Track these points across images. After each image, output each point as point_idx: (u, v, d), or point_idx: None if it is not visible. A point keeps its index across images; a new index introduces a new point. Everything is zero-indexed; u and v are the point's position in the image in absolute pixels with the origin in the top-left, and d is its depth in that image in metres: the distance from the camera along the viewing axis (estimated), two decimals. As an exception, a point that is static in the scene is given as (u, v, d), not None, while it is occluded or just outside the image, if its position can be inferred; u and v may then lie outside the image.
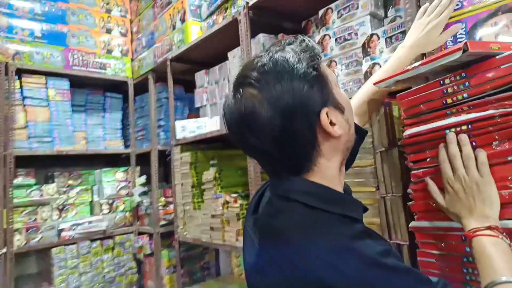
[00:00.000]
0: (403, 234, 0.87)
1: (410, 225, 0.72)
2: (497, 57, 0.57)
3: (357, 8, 1.26)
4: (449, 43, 0.86)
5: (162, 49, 2.25)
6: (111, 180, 2.50)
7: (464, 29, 0.84)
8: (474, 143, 0.60)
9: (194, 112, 2.11)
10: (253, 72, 0.55)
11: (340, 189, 0.59)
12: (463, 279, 0.64)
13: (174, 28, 2.13)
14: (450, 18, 0.84)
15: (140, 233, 2.46)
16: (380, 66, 1.13)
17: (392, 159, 0.86)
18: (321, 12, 1.38)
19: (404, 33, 1.09)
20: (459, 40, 0.85)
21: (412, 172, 0.69)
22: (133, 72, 2.59)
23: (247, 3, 1.49)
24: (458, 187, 0.60)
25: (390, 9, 1.25)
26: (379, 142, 0.89)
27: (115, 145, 2.57)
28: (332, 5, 1.34)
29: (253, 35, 1.53)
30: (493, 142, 0.58)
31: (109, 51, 2.53)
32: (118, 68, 2.56)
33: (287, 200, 0.55)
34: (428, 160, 0.68)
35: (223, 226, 1.68)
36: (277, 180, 0.58)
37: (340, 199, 0.57)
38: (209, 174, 1.80)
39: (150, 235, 2.36)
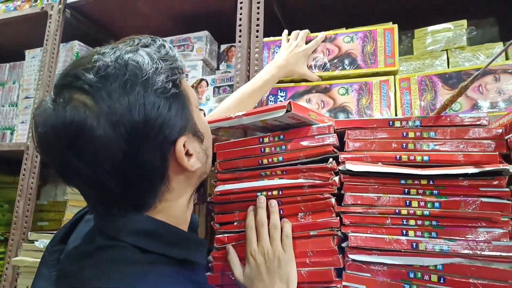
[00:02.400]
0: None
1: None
2: (313, 126, 0.56)
3: (192, 50, 1.21)
4: (270, 102, 0.88)
5: None
6: None
7: (284, 97, 0.88)
8: (281, 211, 0.56)
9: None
10: (88, 73, 0.39)
11: (185, 227, 0.50)
12: None
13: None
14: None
15: None
16: (204, 114, 1.07)
17: (200, 214, 0.75)
18: (154, 42, 1.25)
19: (231, 86, 1.08)
20: (278, 102, 0.88)
21: (217, 236, 0.59)
22: None
23: (65, -2, 1.21)
24: (260, 260, 0.53)
25: (222, 63, 1.25)
26: (188, 195, 0.77)
27: None
28: (167, 39, 1.24)
29: (66, 39, 1.24)
30: (299, 213, 0.55)
31: None
32: None
33: (113, 240, 0.42)
34: (235, 223, 0.59)
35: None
36: (108, 217, 0.44)
37: (183, 239, 0.46)
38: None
39: None
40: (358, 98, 0.80)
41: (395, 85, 0.78)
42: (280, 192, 0.56)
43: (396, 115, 0.76)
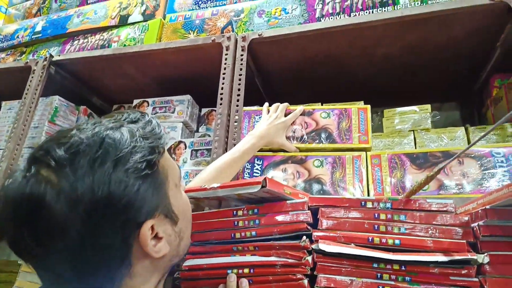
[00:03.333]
0: None
1: None
2: (288, 202, 0.56)
3: (173, 112, 1.23)
4: (246, 174, 0.89)
5: None
6: None
7: (261, 165, 0.89)
8: (252, 291, 0.53)
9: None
10: (59, 149, 0.38)
11: None
12: None
13: None
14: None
15: None
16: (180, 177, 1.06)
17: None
18: (136, 102, 1.28)
19: (209, 151, 1.09)
20: (255, 174, 0.89)
21: (180, 317, 0.55)
22: None
23: (51, 55, 1.24)
24: None
25: (202, 126, 1.28)
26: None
27: None
28: (149, 100, 1.27)
29: (46, 93, 1.24)
30: (270, 294, 0.52)
31: None
32: None
33: None
34: (202, 303, 0.55)
35: None
36: None
37: None
38: None
39: None
40: (332, 171, 0.82)
41: (367, 161, 0.81)
42: (252, 270, 0.54)
43: (368, 190, 0.78)
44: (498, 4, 0.83)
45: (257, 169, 0.89)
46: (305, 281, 0.51)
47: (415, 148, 0.86)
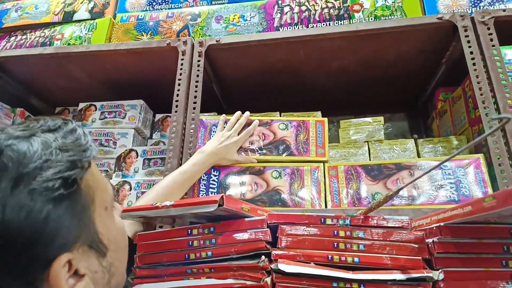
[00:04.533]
0: None
1: None
2: (246, 219, 0.54)
3: (124, 117, 1.16)
4: (202, 186, 0.85)
5: None
6: None
7: (218, 176, 0.86)
8: (207, 317, 0.50)
9: None
10: None
11: None
12: None
13: None
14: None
15: None
16: (130, 187, 0.99)
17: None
18: (82, 105, 1.18)
19: (163, 159, 1.03)
20: (211, 185, 0.85)
21: None
22: None
23: (-16, 53, 1.11)
24: None
25: (156, 132, 1.21)
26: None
27: None
28: (97, 104, 1.18)
29: (-24, 94, 1.11)
30: (226, 320, 0.49)
31: None
32: None
33: None
34: (152, 332, 0.51)
35: None
36: None
37: None
38: None
39: None
40: (290, 182, 0.81)
41: (324, 172, 0.81)
42: (207, 294, 0.50)
43: (325, 201, 0.78)
44: (444, 23, 0.88)
45: (213, 180, 0.86)
46: (264, 304, 0.48)
47: (369, 158, 0.88)
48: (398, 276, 0.44)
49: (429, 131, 1.15)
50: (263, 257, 0.50)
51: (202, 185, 0.85)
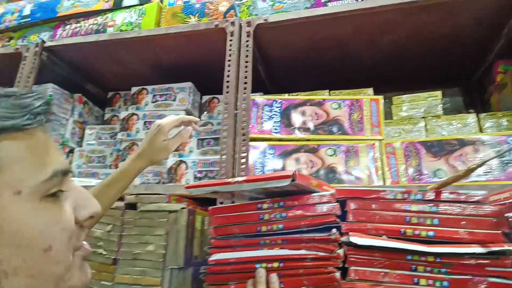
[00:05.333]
0: None
1: None
2: (315, 194, 0.55)
3: (174, 100, 1.20)
4: (258, 164, 0.87)
5: None
6: None
7: (273, 154, 0.87)
8: (282, 284, 0.53)
9: None
10: None
11: None
12: None
13: None
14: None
15: None
16: (187, 166, 1.04)
17: (184, 282, 0.69)
18: (135, 89, 1.23)
19: (216, 139, 1.07)
20: (266, 160, 0.87)
21: (210, 312, 0.54)
22: None
23: (43, 41, 1.17)
24: None
25: (204, 114, 1.25)
26: (173, 258, 0.71)
27: None
28: (149, 87, 1.22)
29: (40, 81, 1.18)
30: None
31: None
32: None
33: None
34: (230, 297, 0.55)
35: None
36: None
37: None
38: None
39: None
40: (346, 159, 0.82)
41: (381, 150, 0.81)
42: (282, 264, 0.53)
43: (384, 178, 0.78)
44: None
45: (268, 158, 0.88)
46: (338, 274, 0.50)
47: (426, 135, 0.86)
48: (478, 249, 0.44)
49: (486, 106, 1.10)
50: (334, 230, 0.52)
51: (257, 164, 0.88)
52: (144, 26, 1.19)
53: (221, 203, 0.83)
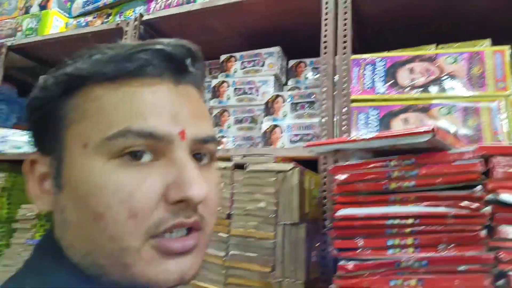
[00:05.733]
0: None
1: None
2: (450, 151, 0.52)
3: (263, 65, 1.20)
4: (361, 126, 0.85)
5: (-2, 31, 1.65)
6: None
7: (377, 116, 0.84)
8: (416, 241, 0.52)
9: (26, 124, 1.55)
10: None
11: None
12: None
13: (27, 11, 1.62)
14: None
15: None
16: (281, 130, 1.05)
17: (297, 236, 0.72)
18: (223, 57, 1.26)
19: (310, 103, 1.06)
20: (369, 124, 0.85)
21: (340, 263, 0.56)
22: None
23: (141, 15, 1.24)
24: None
25: (290, 79, 1.24)
26: (287, 214, 0.74)
27: None
28: (237, 54, 1.24)
29: (139, 53, 1.26)
30: (439, 245, 0.50)
31: None
32: None
33: None
34: (359, 251, 0.56)
35: None
36: None
37: None
38: (30, 209, 1.25)
39: None
40: (463, 119, 0.76)
41: (507, 106, 0.73)
42: (417, 220, 0.52)
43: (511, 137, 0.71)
44: None
45: (372, 120, 0.85)
46: (483, 232, 0.48)
47: (560, 90, 0.76)
48: None
49: None
50: (479, 186, 0.49)
51: (360, 125, 0.85)
52: (232, -8, 1.19)
53: (325, 164, 0.84)
